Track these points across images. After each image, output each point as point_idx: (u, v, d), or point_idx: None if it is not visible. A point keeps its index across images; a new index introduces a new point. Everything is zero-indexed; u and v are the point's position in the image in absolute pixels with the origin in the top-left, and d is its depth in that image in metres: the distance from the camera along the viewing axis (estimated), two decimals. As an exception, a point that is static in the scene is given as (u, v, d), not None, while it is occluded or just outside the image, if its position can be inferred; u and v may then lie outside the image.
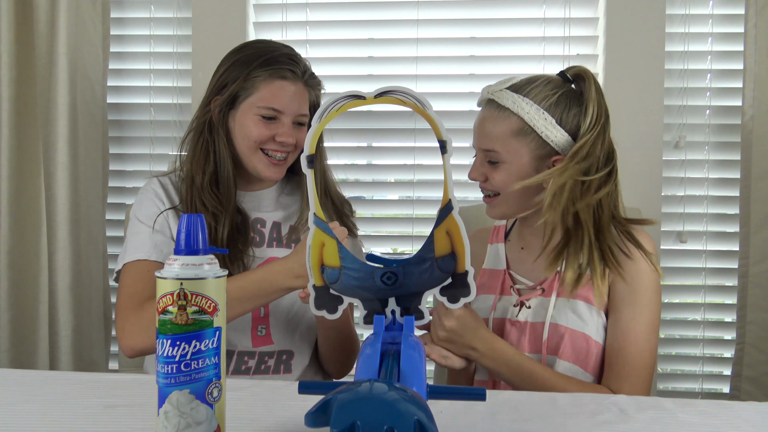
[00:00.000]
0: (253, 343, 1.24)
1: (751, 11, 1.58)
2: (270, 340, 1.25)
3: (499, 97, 1.13)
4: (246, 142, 1.23)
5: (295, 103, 1.23)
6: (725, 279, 1.73)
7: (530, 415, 0.82)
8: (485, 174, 1.15)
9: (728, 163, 1.71)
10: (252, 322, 1.24)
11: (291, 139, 1.22)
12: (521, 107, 1.11)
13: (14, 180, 1.69)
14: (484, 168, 1.15)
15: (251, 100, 1.22)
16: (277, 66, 1.22)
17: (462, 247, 0.73)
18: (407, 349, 0.67)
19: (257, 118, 1.22)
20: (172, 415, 0.64)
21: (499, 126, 1.12)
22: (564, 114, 1.12)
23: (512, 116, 1.11)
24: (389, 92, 0.72)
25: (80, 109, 1.69)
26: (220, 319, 0.66)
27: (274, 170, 1.25)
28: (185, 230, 0.66)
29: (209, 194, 1.22)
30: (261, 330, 1.24)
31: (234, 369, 1.23)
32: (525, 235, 1.22)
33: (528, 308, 1.15)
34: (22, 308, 1.70)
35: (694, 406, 0.87)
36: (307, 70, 1.26)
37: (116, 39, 1.82)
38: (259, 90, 1.21)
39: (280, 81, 1.22)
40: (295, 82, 1.23)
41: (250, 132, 1.22)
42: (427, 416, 0.52)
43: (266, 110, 1.21)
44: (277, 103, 1.21)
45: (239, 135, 1.23)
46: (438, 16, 1.78)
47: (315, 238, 0.75)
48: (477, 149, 1.17)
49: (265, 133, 1.22)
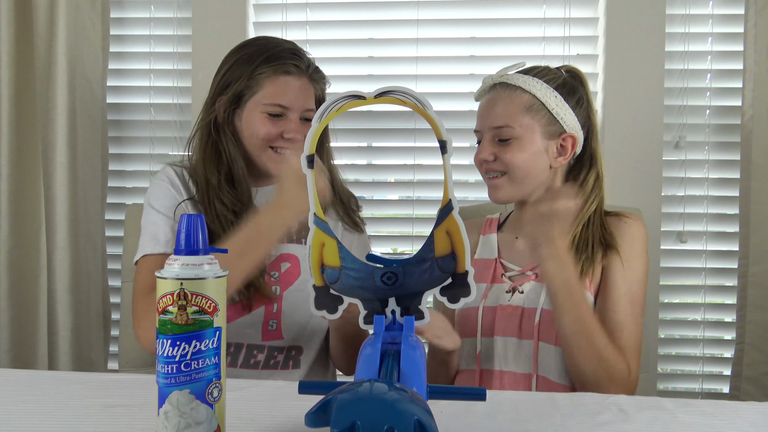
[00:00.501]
0: (263, 337, 1.23)
1: (751, 11, 1.58)
2: (280, 335, 1.24)
3: (509, 79, 1.17)
4: (254, 141, 1.22)
5: (301, 99, 1.22)
6: (725, 279, 1.73)
7: (530, 415, 0.82)
8: (495, 153, 1.16)
9: (728, 163, 1.71)
10: (264, 316, 1.23)
11: (299, 135, 1.21)
12: (532, 85, 1.16)
13: (14, 180, 1.69)
14: (493, 147, 1.17)
15: (256, 98, 1.21)
16: (280, 62, 1.21)
17: (462, 247, 0.73)
18: (407, 349, 0.67)
19: (264, 116, 1.21)
20: (172, 415, 0.64)
21: (511, 103, 1.15)
22: (568, 98, 1.17)
23: (524, 93, 1.15)
24: (389, 92, 0.72)
25: (79, 109, 1.69)
26: (220, 319, 0.66)
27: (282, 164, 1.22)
28: (185, 230, 0.66)
29: (228, 192, 1.22)
30: (272, 324, 1.24)
31: (243, 362, 1.23)
32: (522, 223, 1.24)
33: (521, 293, 1.16)
34: (22, 308, 1.70)
35: (694, 406, 0.87)
36: (311, 64, 1.26)
37: (116, 39, 1.82)
38: (263, 87, 1.21)
39: (284, 77, 1.21)
40: (300, 77, 1.23)
41: (258, 130, 1.21)
42: (427, 416, 0.52)
43: (272, 107, 1.21)
44: (283, 99, 1.21)
45: (247, 133, 1.23)
46: (438, 16, 1.78)
47: (315, 238, 0.75)
48: (485, 129, 1.18)
49: (273, 130, 1.21)
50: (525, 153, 1.15)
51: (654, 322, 1.67)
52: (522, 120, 1.15)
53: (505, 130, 1.15)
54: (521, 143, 1.15)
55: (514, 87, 1.16)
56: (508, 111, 1.15)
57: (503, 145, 1.16)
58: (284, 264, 1.26)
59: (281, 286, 1.25)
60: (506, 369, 1.15)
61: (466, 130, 1.73)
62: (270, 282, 1.24)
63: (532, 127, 1.15)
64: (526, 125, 1.15)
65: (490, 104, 1.18)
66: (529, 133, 1.15)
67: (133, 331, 1.16)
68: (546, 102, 1.15)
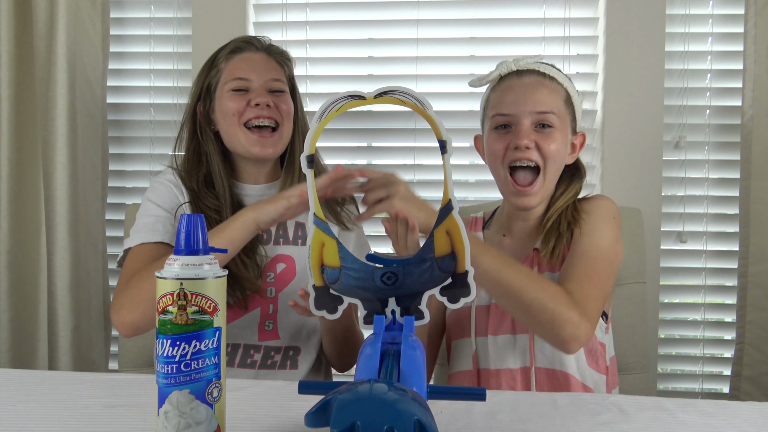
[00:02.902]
0: (259, 337, 1.24)
1: (751, 11, 1.58)
2: (277, 335, 1.25)
3: (543, 68, 1.16)
4: (227, 121, 1.24)
5: (261, 69, 1.26)
6: (725, 279, 1.73)
7: (530, 415, 0.82)
8: (535, 140, 1.12)
9: (728, 163, 1.71)
10: (260, 317, 1.24)
11: (264, 99, 1.23)
12: (564, 79, 1.16)
13: (14, 180, 1.69)
14: (534, 135, 1.12)
15: (221, 84, 1.26)
16: (235, 45, 1.28)
17: (462, 247, 0.73)
18: (407, 349, 0.67)
19: (230, 94, 1.24)
20: (172, 415, 0.64)
21: (554, 91, 1.14)
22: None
23: (560, 86, 1.15)
24: (389, 92, 0.72)
25: (79, 109, 1.69)
26: (220, 319, 0.66)
27: (264, 143, 1.24)
28: (185, 230, 0.66)
29: (207, 194, 1.24)
30: (268, 325, 1.25)
31: (240, 362, 1.23)
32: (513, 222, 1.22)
33: None
34: (22, 308, 1.70)
35: (694, 406, 0.87)
36: (267, 44, 1.31)
37: (116, 39, 1.82)
38: (224, 71, 1.26)
39: (240, 54, 1.27)
40: (257, 52, 1.28)
41: (227, 108, 1.24)
42: (427, 416, 0.52)
43: (234, 82, 1.24)
44: (241, 72, 1.25)
45: (221, 119, 1.26)
46: (438, 16, 1.78)
47: (315, 238, 0.75)
48: (522, 114, 1.12)
49: (240, 103, 1.23)
50: (560, 144, 1.13)
51: (654, 322, 1.67)
52: (562, 111, 1.14)
53: (550, 116, 1.12)
54: (559, 135, 1.13)
55: (550, 78, 1.15)
56: (551, 98, 1.13)
57: (544, 134, 1.12)
58: (279, 265, 1.27)
59: (276, 287, 1.25)
60: (503, 367, 1.14)
61: (466, 130, 1.74)
62: (266, 283, 1.24)
63: (566, 120, 1.15)
64: (563, 117, 1.14)
65: (531, 89, 1.14)
66: (565, 125, 1.15)
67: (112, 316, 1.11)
68: (574, 100, 1.16)
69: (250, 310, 1.23)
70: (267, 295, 1.25)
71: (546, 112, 1.12)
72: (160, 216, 1.22)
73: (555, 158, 1.12)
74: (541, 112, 1.12)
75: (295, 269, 1.27)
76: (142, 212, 1.24)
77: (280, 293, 1.25)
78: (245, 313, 1.23)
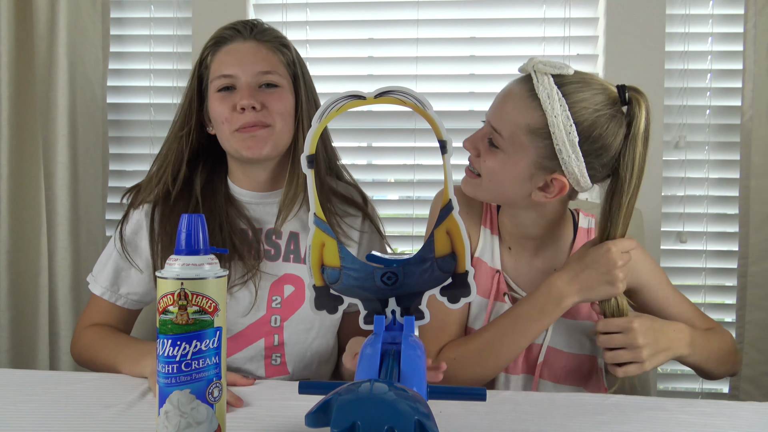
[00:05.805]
0: (266, 373, 1.15)
1: (751, 11, 1.58)
2: (286, 369, 1.16)
3: (539, 80, 0.97)
4: (218, 128, 1.13)
5: (247, 62, 1.10)
6: (725, 279, 1.73)
7: (530, 415, 0.82)
8: (479, 150, 1.03)
9: (728, 163, 1.71)
10: (264, 350, 1.15)
11: (249, 101, 1.07)
12: (553, 108, 0.95)
13: (14, 180, 1.69)
14: (483, 144, 1.03)
15: (210, 82, 1.13)
16: (219, 35, 1.15)
17: (462, 247, 0.73)
18: (407, 349, 0.67)
19: (217, 96, 1.11)
20: (172, 415, 0.64)
21: (519, 114, 0.97)
22: (599, 135, 0.97)
23: (538, 111, 0.96)
24: (389, 92, 0.72)
25: (80, 109, 1.69)
26: (220, 319, 0.66)
27: (250, 144, 1.10)
28: (186, 230, 0.67)
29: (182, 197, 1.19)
30: (275, 359, 1.15)
31: None
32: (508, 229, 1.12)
33: None
34: (22, 308, 1.70)
35: (694, 406, 0.87)
36: (255, 28, 1.15)
37: (116, 39, 1.82)
38: (211, 67, 1.13)
39: (224, 47, 1.13)
40: (244, 41, 1.13)
41: (216, 114, 1.11)
42: (427, 416, 0.52)
43: (219, 80, 1.11)
44: (227, 67, 1.10)
45: (214, 124, 1.14)
46: (438, 16, 1.78)
47: (315, 238, 0.75)
48: (487, 120, 1.04)
49: (225, 107, 1.09)
50: (504, 171, 1.00)
51: (654, 322, 1.67)
52: (517, 139, 0.98)
53: (497, 137, 1.00)
54: (505, 159, 1.00)
55: (534, 96, 0.96)
56: (510, 119, 0.98)
57: (489, 150, 1.01)
58: (288, 287, 1.16)
59: (282, 315, 1.15)
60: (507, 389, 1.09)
61: (466, 130, 1.72)
62: (270, 309, 1.15)
63: (524, 150, 0.98)
64: (518, 146, 0.98)
65: (504, 98, 1.01)
66: (518, 155, 0.99)
67: (71, 344, 1.22)
68: (554, 134, 0.95)
69: (253, 341, 1.14)
70: (271, 324, 1.14)
71: (496, 130, 1.00)
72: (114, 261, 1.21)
73: (491, 179, 1.03)
74: (493, 127, 1.01)
75: (303, 295, 1.15)
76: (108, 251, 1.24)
77: (286, 322, 1.15)
78: (247, 345, 1.14)
